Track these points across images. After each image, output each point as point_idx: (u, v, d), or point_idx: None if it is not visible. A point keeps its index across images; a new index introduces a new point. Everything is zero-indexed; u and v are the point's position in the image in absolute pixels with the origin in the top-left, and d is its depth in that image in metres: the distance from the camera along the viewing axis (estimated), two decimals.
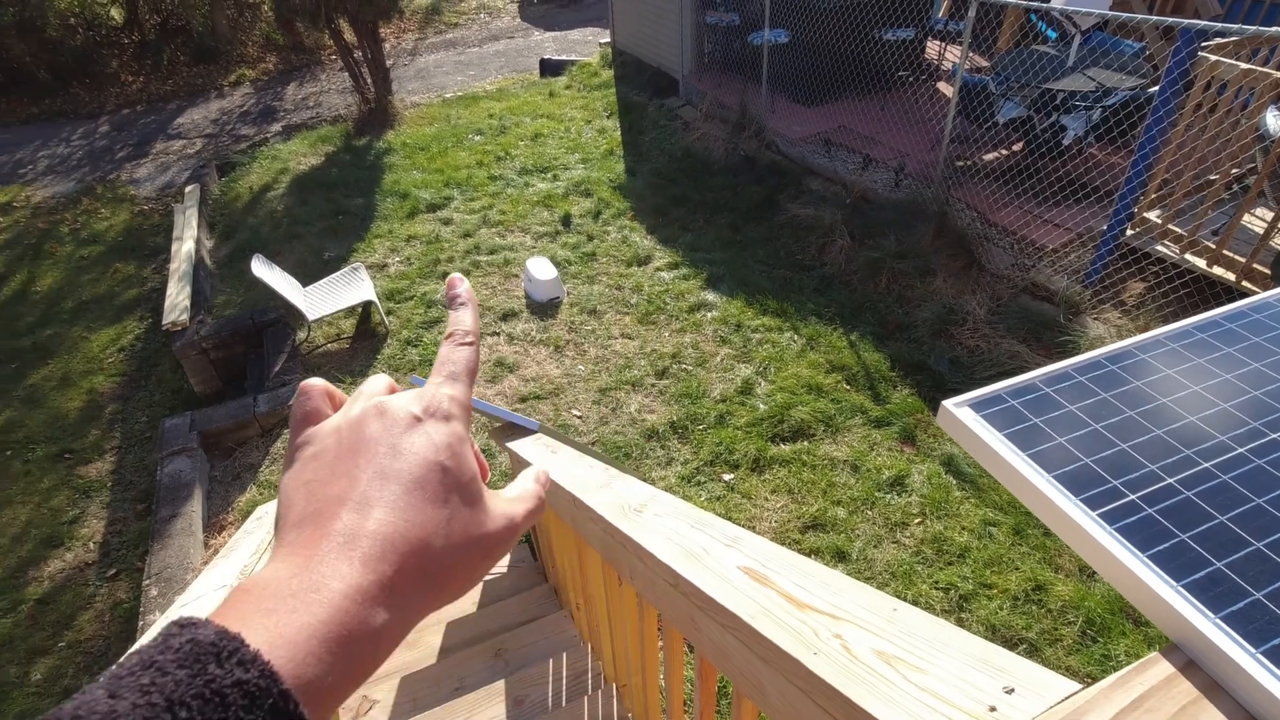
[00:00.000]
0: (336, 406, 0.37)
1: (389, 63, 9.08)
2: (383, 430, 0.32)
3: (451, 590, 0.32)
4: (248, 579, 0.27)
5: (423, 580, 0.30)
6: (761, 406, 4.02)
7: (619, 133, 7.76)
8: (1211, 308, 0.76)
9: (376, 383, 0.37)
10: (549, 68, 10.11)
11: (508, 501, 0.36)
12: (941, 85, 6.87)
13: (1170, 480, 0.55)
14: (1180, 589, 0.48)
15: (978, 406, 0.65)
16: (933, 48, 7.45)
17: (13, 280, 6.65)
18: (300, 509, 0.30)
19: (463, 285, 0.40)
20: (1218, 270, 3.92)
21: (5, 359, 5.56)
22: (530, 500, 0.38)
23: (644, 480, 1.17)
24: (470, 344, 0.38)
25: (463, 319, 0.39)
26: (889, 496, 3.44)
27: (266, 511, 2.20)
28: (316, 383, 0.37)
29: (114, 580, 3.69)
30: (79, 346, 5.63)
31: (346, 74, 8.90)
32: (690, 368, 4.41)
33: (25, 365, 5.46)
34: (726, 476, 3.65)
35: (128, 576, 3.68)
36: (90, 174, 8.61)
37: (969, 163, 5.48)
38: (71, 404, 5.02)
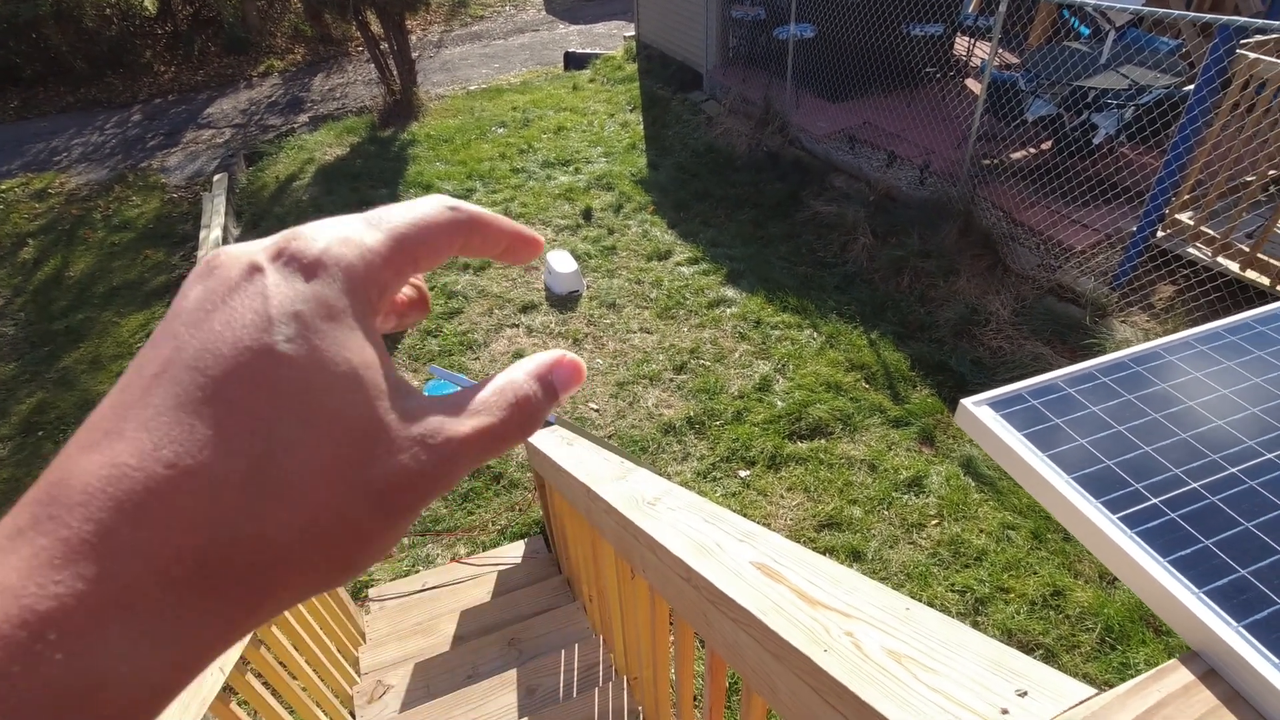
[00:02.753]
0: None
1: (415, 55, 9.14)
2: (202, 292, 0.20)
3: (275, 599, 0.17)
4: None
5: (200, 578, 0.16)
6: (779, 404, 4.00)
7: (642, 127, 7.74)
8: (1244, 312, 0.74)
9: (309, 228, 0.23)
10: (573, 61, 10.12)
11: (447, 415, 0.20)
12: (969, 82, 6.76)
13: (1195, 485, 0.54)
14: (1202, 595, 0.47)
15: (997, 406, 0.65)
16: (961, 43, 7.34)
17: (47, 265, 6.80)
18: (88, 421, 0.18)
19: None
20: (1251, 274, 3.82)
21: (39, 342, 5.70)
22: (498, 412, 0.21)
23: (660, 475, 1.17)
24: (454, 209, 0.24)
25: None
26: (906, 497, 3.41)
27: None
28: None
29: None
30: (109, 331, 5.75)
31: (373, 66, 8.97)
32: (709, 363, 4.40)
33: (58, 348, 5.59)
34: (743, 473, 3.64)
35: None
36: (123, 162, 8.77)
37: (996, 161, 5.39)
38: (101, 387, 5.13)
